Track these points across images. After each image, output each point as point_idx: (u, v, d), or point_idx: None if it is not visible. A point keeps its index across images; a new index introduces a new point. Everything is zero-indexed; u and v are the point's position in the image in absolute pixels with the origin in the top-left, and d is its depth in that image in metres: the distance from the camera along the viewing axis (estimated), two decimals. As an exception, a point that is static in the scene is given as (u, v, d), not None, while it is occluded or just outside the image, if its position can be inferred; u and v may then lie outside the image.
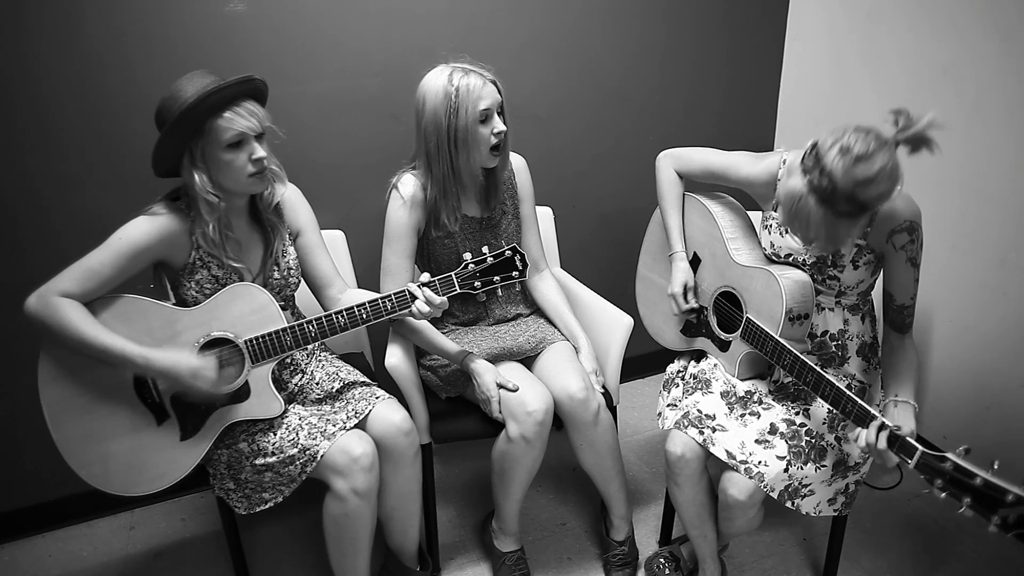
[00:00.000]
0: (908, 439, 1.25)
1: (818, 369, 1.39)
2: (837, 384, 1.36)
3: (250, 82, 1.40)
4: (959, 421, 2.11)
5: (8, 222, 1.80)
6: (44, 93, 1.73)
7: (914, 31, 2.04)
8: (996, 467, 1.13)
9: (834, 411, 1.52)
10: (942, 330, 2.10)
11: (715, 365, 1.66)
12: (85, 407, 1.43)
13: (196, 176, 1.40)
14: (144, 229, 1.42)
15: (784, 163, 1.54)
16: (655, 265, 1.88)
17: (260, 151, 1.42)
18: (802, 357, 1.42)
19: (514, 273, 1.52)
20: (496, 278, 1.51)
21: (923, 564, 1.90)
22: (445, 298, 1.49)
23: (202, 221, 1.44)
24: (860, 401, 1.32)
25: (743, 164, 1.62)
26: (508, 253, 1.51)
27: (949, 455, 1.17)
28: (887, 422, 1.28)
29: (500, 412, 1.63)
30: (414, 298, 1.48)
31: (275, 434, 1.51)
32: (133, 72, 1.78)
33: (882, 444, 1.26)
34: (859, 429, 1.32)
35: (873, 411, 1.31)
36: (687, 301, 1.70)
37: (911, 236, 1.42)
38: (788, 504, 1.49)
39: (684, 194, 1.77)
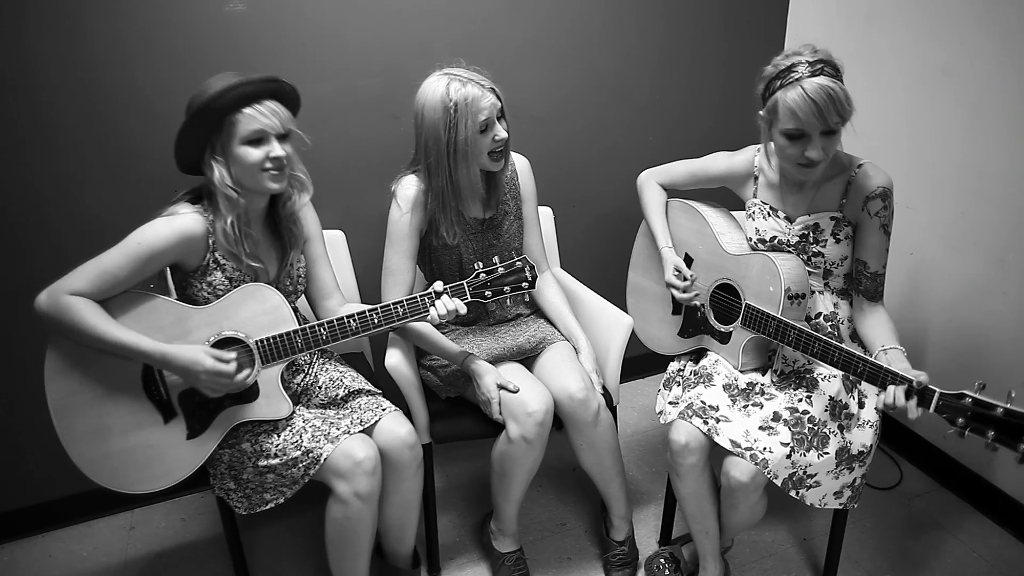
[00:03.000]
0: (927, 386, 1.27)
1: (823, 337, 1.42)
2: (845, 347, 1.38)
3: (274, 82, 1.42)
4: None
5: (8, 222, 1.80)
6: (44, 93, 1.73)
7: (913, 32, 2.04)
8: (1013, 395, 1.17)
9: (835, 399, 1.55)
10: (942, 330, 2.10)
11: (716, 361, 1.67)
12: (91, 402, 1.43)
13: (216, 169, 1.41)
14: (163, 233, 1.41)
15: (759, 151, 1.67)
16: (646, 274, 1.90)
17: (279, 149, 1.43)
18: (807, 329, 1.45)
19: (524, 284, 1.54)
20: (506, 288, 1.53)
21: (923, 564, 1.90)
22: (463, 303, 1.51)
23: (221, 217, 1.45)
24: (870, 359, 1.35)
25: (721, 159, 1.76)
26: (519, 264, 1.53)
27: (967, 392, 1.21)
28: (903, 374, 1.29)
29: (500, 413, 1.63)
30: (434, 303, 1.50)
31: (279, 436, 1.50)
32: (133, 72, 1.78)
33: (900, 401, 1.29)
34: (879, 394, 1.34)
35: (885, 366, 1.33)
36: (683, 280, 1.70)
37: (884, 203, 1.50)
38: (792, 494, 1.50)
39: (669, 200, 1.85)
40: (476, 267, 1.53)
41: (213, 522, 2.09)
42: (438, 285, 1.51)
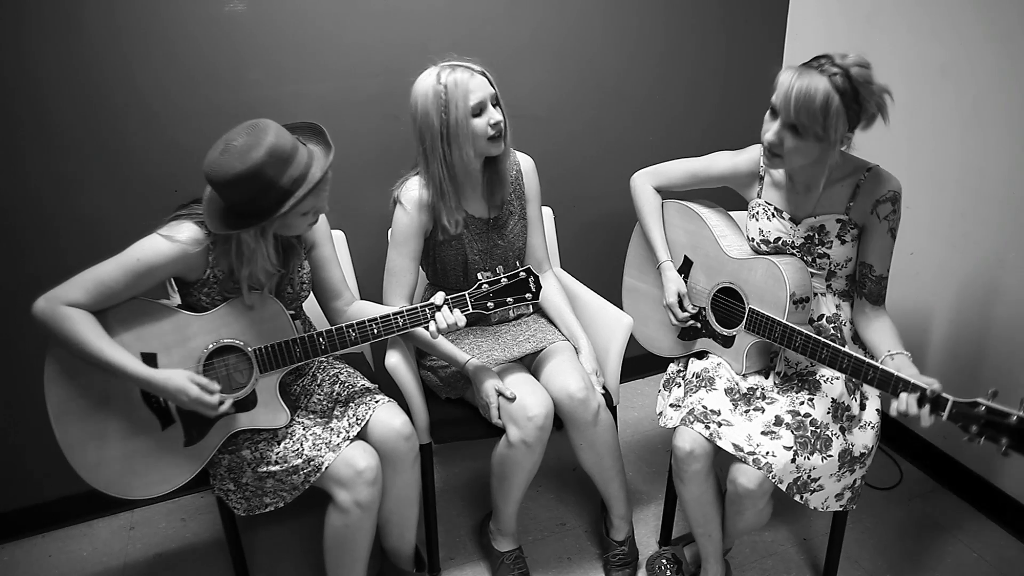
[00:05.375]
0: (940, 395, 1.27)
1: (831, 343, 1.41)
2: (854, 354, 1.38)
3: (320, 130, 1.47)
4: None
5: (7, 223, 1.80)
6: (44, 93, 1.73)
7: (913, 32, 2.04)
8: None
9: (837, 401, 1.54)
10: (942, 330, 2.10)
11: (718, 364, 1.67)
12: (90, 408, 1.43)
13: (262, 245, 1.42)
14: (162, 252, 1.38)
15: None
16: (643, 276, 1.89)
17: (325, 207, 1.48)
18: (813, 335, 1.44)
19: (527, 295, 1.54)
20: (509, 299, 1.53)
21: (923, 564, 1.90)
22: (464, 316, 1.50)
23: (231, 262, 1.44)
24: (880, 366, 1.34)
25: (724, 158, 1.72)
26: (523, 275, 1.52)
27: (980, 400, 1.21)
28: (915, 382, 1.29)
29: (500, 418, 1.63)
30: (434, 316, 1.50)
31: (279, 444, 1.50)
32: (132, 72, 1.78)
33: (913, 409, 1.28)
34: (892, 401, 1.33)
35: (896, 372, 1.32)
36: (683, 309, 1.71)
37: (894, 207, 1.49)
38: (797, 498, 1.49)
39: (665, 202, 1.82)
40: (479, 277, 1.52)
41: (213, 522, 2.09)
42: (438, 298, 1.50)
